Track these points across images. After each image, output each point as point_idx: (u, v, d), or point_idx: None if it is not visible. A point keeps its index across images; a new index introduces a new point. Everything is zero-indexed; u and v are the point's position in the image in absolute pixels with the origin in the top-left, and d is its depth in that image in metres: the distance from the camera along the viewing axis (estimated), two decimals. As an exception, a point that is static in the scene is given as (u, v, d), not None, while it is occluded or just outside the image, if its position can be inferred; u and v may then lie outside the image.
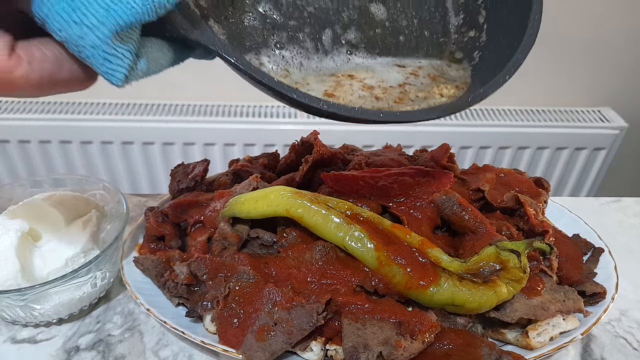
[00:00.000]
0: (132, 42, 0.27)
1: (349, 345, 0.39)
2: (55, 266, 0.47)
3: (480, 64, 0.43)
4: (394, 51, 0.44)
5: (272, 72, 0.39)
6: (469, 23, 0.43)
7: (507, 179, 0.56)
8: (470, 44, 0.44)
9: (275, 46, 0.40)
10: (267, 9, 0.40)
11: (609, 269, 0.50)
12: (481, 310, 0.41)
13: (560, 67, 1.16)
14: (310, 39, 0.41)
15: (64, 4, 0.25)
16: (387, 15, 0.43)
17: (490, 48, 0.43)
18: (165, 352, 0.47)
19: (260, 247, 0.48)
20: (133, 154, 1.16)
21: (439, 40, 0.44)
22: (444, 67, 0.43)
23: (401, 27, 0.43)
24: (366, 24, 0.42)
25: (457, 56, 0.44)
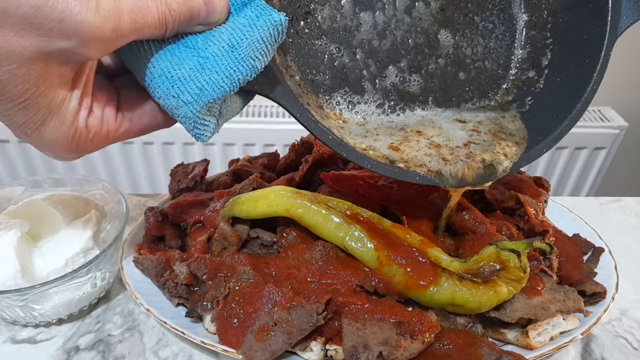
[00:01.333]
0: (217, 111, 0.31)
1: (349, 345, 0.39)
2: (55, 266, 0.47)
3: (528, 115, 0.43)
4: (452, 94, 0.44)
5: (351, 119, 0.41)
6: (532, 60, 0.44)
7: (507, 179, 0.56)
8: (526, 85, 0.44)
9: (356, 95, 0.42)
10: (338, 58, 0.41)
11: (609, 268, 0.50)
12: (481, 310, 0.41)
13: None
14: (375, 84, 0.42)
15: (164, 79, 0.29)
16: (453, 42, 0.43)
17: (542, 100, 0.43)
18: (165, 352, 0.47)
19: (260, 247, 0.48)
20: (133, 154, 1.16)
21: (498, 74, 0.44)
22: (500, 120, 0.43)
23: (464, 56, 0.43)
24: (430, 53, 0.43)
25: (509, 97, 0.44)
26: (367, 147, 0.39)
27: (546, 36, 0.43)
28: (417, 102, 0.43)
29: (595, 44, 0.40)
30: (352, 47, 0.41)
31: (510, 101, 0.44)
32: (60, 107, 0.28)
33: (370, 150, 0.39)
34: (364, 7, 0.40)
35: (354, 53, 0.41)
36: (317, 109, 0.40)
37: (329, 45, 0.40)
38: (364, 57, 0.41)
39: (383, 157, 0.39)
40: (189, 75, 0.29)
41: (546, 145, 0.40)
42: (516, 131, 0.43)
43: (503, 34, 0.44)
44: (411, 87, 0.42)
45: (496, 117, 0.44)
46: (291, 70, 0.39)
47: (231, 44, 0.29)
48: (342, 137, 0.39)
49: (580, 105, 0.40)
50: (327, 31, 0.40)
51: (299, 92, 0.39)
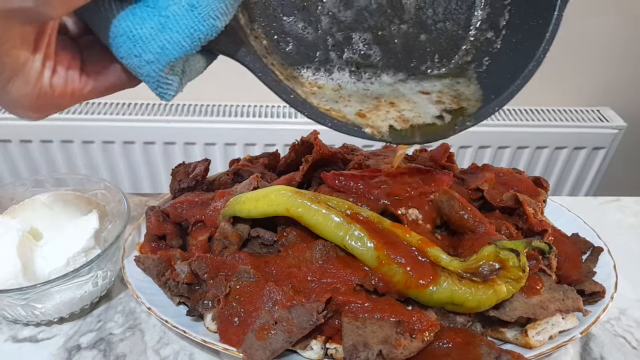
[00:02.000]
0: (180, 70, 0.32)
1: (349, 343, 0.39)
2: (56, 265, 0.47)
3: (484, 75, 0.44)
4: (414, 56, 0.44)
5: (326, 86, 0.42)
6: (491, 21, 0.44)
7: (506, 179, 0.56)
8: (484, 46, 0.45)
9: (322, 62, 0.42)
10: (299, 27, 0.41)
11: (608, 268, 0.50)
12: (480, 309, 0.42)
13: (559, 67, 1.16)
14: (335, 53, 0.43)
15: (126, 38, 0.29)
16: (415, 3, 0.44)
17: (498, 60, 0.44)
18: (166, 351, 0.47)
19: (260, 246, 0.48)
20: (134, 154, 1.16)
21: (458, 35, 0.45)
22: (456, 86, 0.44)
23: (426, 18, 0.44)
24: (393, 15, 0.44)
25: (468, 58, 0.45)
26: (330, 109, 0.40)
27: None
28: (383, 67, 0.44)
29: (548, 2, 0.40)
30: (315, 14, 0.41)
31: (469, 62, 0.45)
32: (24, 66, 0.28)
33: (334, 112, 0.40)
34: None
35: (318, 19, 0.42)
36: (284, 72, 0.41)
37: (293, 12, 0.41)
38: (329, 21, 0.42)
39: (347, 120, 0.40)
40: (150, 35, 0.29)
41: (498, 103, 0.41)
42: (472, 95, 0.44)
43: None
44: (375, 52, 0.43)
45: (452, 83, 0.45)
46: (256, 32, 0.40)
47: (191, 3, 0.29)
48: (307, 97, 0.39)
49: (532, 64, 0.41)
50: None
51: (264, 53, 0.39)
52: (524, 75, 0.41)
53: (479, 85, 0.44)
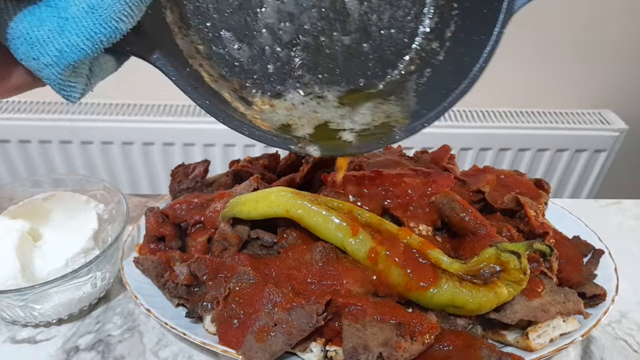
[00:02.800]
0: (86, 71, 0.31)
1: (349, 346, 0.39)
2: (55, 266, 0.47)
3: (423, 88, 0.43)
4: (356, 67, 0.43)
5: (279, 105, 0.42)
6: (438, 31, 0.43)
7: (507, 181, 0.56)
8: (428, 56, 0.44)
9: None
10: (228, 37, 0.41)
11: (609, 270, 0.50)
12: (481, 311, 0.41)
13: (560, 69, 1.16)
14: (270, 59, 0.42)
15: (24, 40, 0.28)
16: (359, 9, 0.42)
17: (439, 73, 0.43)
18: (165, 353, 0.47)
19: (260, 248, 0.48)
20: (133, 154, 1.16)
21: (404, 43, 0.44)
22: (388, 103, 0.43)
23: (371, 25, 0.43)
24: (337, 20, 0.42)
25: (411, 67, 0.44)
26: (260, 120, 0.39)
27: (453, 6, 0.42)
28: (327, 82, 0.43)
29: (492, 19, 0.39)
30: (252, 24, 0.41)
31: (412, 72, 0.44)
32: None
33: (258, 120, 0.39)
34: None
35: (256, 30, 0.41)
36: (230, 84, 0.40)
37: (229, 25, 0.40)
38: (269, 34, 0.41)
39: (271, 129, 0.39)
40: (48, 37, 0.28)
41: (427, 120, 0.40)
42: (403, 110, 0.43)
43: (412, 2, 0.43)
44: (319, 64, 0.42)
45: (385, 100, 0.44)
46: (191, 37, 0.39)
47: (91, 4, 0.28)
48: (232, 102, 0.39)
49: (466, 82, 0.40)
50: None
51: (193, 53, 0.38)
52: (456, 92, 0.40)
53: (415, 99, 0.43)
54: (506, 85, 1.19)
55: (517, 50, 1.11)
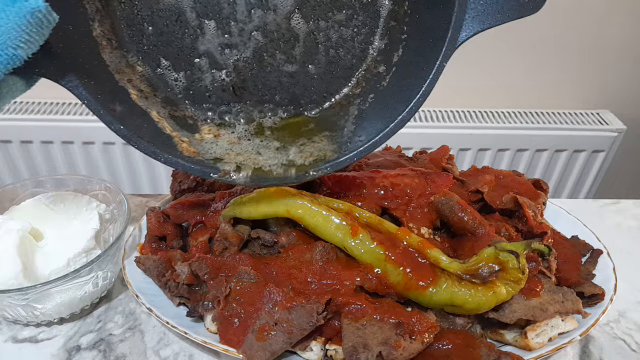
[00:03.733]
0: None
1: (349, 345, 0.39)
2: (57, 266, 0.47)
3: (363, 115, 0.42)
4: (301, 89, 0.43)
5: (224, 136, 0.42)
6: (385, 55, 0.42)
7: (506, 181, 0.56)
8: (374, 81, 0.43)
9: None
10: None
11: (607, 270, 0.50)
12: (480, 310, 0.42)
13: (559, 70, 1.17)
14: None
15: None
16: (307, 30, 0.41)
17: (381, 100, 0.42)
18: (166, 352, 0.47)
19: (261, 248, 0.48)
20: (135, 155, 1.17)
21: (352, 64, 0.43)
22: (320, 137, 0.43)
23: (318, 44, 0.42)
24: (281, 40, 0.41)
25: (357, 90, 0.43)
26: (179, 138, 0.39)
27: (403, 30, 0.41)
28: (274, 106, 0.43)
29: (435, 50, 0.38)
30: (192, 46, 0.40)
31: (356, 95, 0.43)
32: None
33: (185, 144, 0.39)
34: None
35: (194, 47, 0.39)
36: (165, 107, 0.39)
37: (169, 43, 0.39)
38: (210, 60, 0.40)
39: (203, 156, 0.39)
40: None
41: (357, 155, 0.40)
42: (329, 146, 0.42)
43: (363, 22, 0.42)
44: (261, 89, 0.42)
45: (319, 134, 0.43)
46: (128, 57, 0.38)
47: None
48: (159, 121, 0.38)
49: (402, 116, 0.39)
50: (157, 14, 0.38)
51: (122, 68, 0.38)
52: (392, 125, 0.39)
53: (353, 127, 0.42)
54: (505, 85, 1.19)
55: (516, 51, 1.11)
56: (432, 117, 1.17)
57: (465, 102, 1.19)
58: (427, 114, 1.18)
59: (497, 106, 1.21)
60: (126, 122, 0.36)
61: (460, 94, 1.18)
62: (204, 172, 0.39)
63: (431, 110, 1.19)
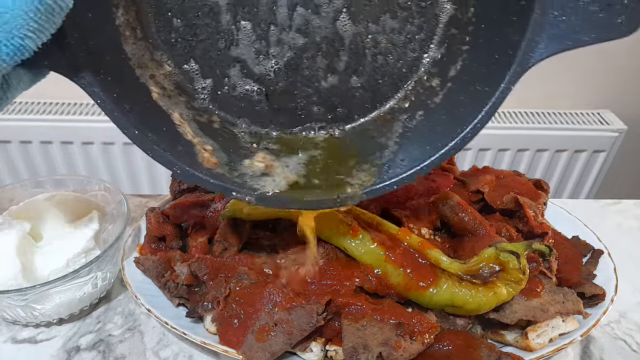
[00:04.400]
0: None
1: (349, 345, 0.39)
2: (56, 266, 0.47)
3: (408, 135, 0.37)
4: (344, 101, 0.38)
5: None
6: (442, 66, 0.37)
7: (506, 181, 0.56)
8: (425, 95, 0.37)
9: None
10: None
11: (608, 271, 0.50)
12: (480, 311, 0.41)
13: (560, 70, 1.17)
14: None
15: None
16: (353, 30, 0.36)
17: (430, 120, 0.37)
18: (166, 353, 0.47)
19: (260, 248, 0.48)
20: (134, 155, 1.17)
21: (402, 73, 0.38)
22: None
23: (366, 49, 0.37)
24: (330, 49, 0.36)
25: (405, 104, 0.38)
26: (202, 147, 0.35)
27: (465, 40, 0.35)
28: (314, 120, 0.38)
29: (502, 69, 0.33)
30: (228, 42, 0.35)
31: (403, 109, 0.38)
32: None
33: (206, 153, 0.35)
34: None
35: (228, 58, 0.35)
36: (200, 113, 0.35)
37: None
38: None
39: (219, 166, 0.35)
40: None
41: (397, 182, 0.35)
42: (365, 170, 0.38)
43: (419, 27, 0.36)
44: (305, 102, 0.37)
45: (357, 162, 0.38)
46: (157, 55, 0.34)
47: None
48: (180, 125, 0.34)
49: (454, 142, 0.33)
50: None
51: (143, 61, 0.33)
52: (440, 154, 0.33)
53: (396, 148, 0.37)
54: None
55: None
56: (432, 117, 1.17)
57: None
58: (428, 114, 1.18)
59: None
60: (143, 125, 0.32)
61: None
62: (226, 189, 0.34)
63: (431, 110, 1.19)
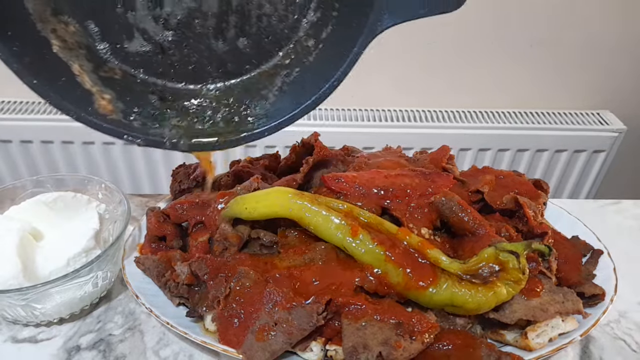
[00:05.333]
0: None
1: (349, 345, 0.39)
2: (56, 266, 0.47)
3: (284, 89, 0.42)
4: (230, 59, 0.43)
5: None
6: (316, 29, 0.42)
7: (506, 181, 0.56)
8: (302, 54, 0.43)
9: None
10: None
11: (607, 270, 0.50)
12: (480, 311, 0.42)
13: (559, 70, 1.17)
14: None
15: None
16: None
17: (303, 76, 0.42)
18: (166, 352, 0.47)
19: (260, 248, 0.48)
20: (135, 155, 1.17)
21: (284, 34, 0.43)
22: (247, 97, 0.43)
23: (250, 11, 0.41)
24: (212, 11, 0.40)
25: (286, 61, 0.43)
26: (100, 95, 0.38)
27: (334, 7, 0.40)
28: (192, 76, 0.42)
29: (355, 34, 0.38)
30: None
31: (285, 66, 0.43)
32: None
33: (104, 101, 0.38)
34: None
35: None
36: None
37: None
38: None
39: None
40: None
41: (270, 129, 0.41)
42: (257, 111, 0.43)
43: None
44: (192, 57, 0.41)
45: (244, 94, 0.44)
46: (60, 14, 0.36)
47: None
48: (79, 74, 0.37)
49: (315, 98, 0.39)
50: None
51: (45, 16, 0.36)
52: (303, 106, 0.39)
53: (274, 99, 0.42)
54: (505, 86, 1.19)
55: (516, 51, 1.11)
56: (432, 117, 1.17)
57: (465, 102, 1.19)
58: (428, 114, 1.18)
59: (498, 106, 1.21)
60: (41, 74, 0.34)
61: (460, 94, 1.18)
62: (118, 133, 0.38)
63: (431, 110, 1.19)
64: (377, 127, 1.14)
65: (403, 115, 1.17)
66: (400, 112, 1.18)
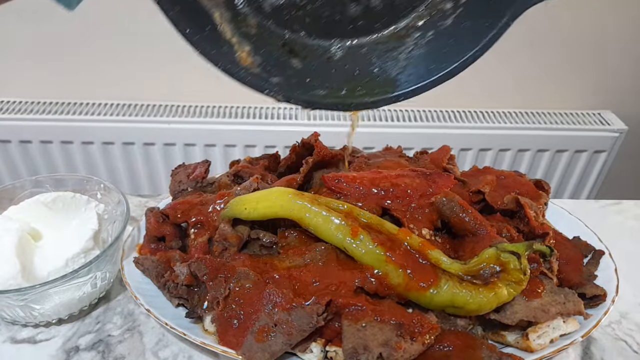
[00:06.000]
0: None
1: (349, 346, 0.39)
2: (55, 266, 0.47)
3: (417, 52, 0.41)
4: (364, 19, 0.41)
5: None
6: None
7: (507, 181, 0.56)
8: (437, 17, 0.41)
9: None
10: None
11: (609, 271, 0.50)
12: (481, 312, 0.41)
13: (560, 70, 1.16)
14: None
15: None
16: None
17: (438, 40, 0.40)
18: (165, 353, 0.47)
19: (260, 248, 0.48)
20: (134, 155, 1.16)
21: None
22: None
23: None
24: None
25: (418, 23, 0.41)
26: (241, 49, 0.38)
27: None
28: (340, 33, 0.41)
29: (504, 6, 0.36)
30: None
31: (417, 27, 0.41)
32: None
33: (244, 53, 0.38)
34: None
35: None
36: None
37: None
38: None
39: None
40: None
41: (405, 94, 0.39)
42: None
43: None
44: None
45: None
46: None
47: None
48: (220, 25, 0.38)
49: (455, 66, 0.38)
50: None
51: None
52: (437, 77, 0.38)
53: (405, 63, 0.41)
54: (506, 85, 1.19)
55: (517, 51, 1.11)
56: (432, 117, 1.17)
57: (466, 102, 1.19)
58: (428, 114, 1.18)
59: (498, 106, 1.21)
60: (191, 23, 0.35)
61: (461, 94, 1.18)
62: (260, 86, 0.38)
63: (432, 110, 1.19)
64: (377, 127, 1.14)
65: (403, 115, 1.17)
66: (400, 112, 1.18)
